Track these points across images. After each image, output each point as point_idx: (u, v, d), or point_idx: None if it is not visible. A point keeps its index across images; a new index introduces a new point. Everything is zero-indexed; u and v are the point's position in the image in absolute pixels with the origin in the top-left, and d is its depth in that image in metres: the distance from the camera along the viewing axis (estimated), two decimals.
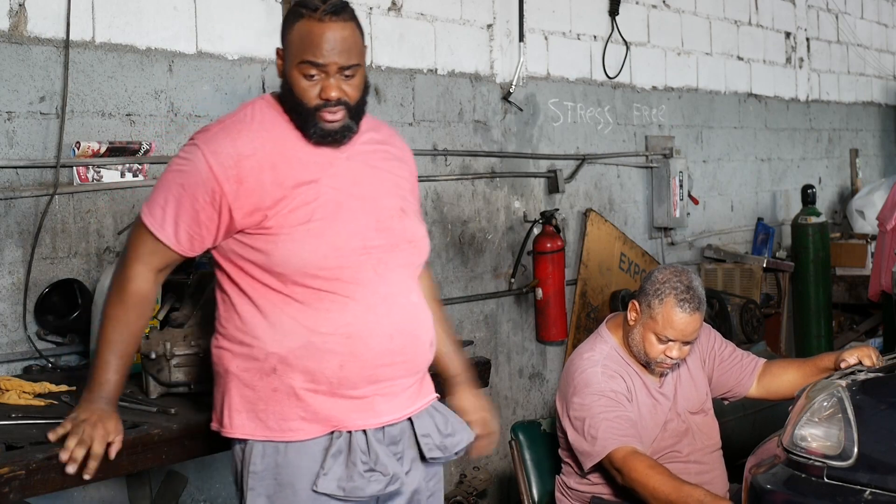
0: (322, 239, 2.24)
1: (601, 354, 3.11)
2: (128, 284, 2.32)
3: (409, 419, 2.38)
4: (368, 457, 2.26)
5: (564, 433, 3.10)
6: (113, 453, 2.25)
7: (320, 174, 2.28)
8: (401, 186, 2.44)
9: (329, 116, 2.26)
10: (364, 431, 2.27)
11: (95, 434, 2.22)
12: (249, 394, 2.28)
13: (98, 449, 2.22)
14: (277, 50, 2.34)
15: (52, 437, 2.25)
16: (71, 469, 2.19)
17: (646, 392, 3.11)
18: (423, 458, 2.39)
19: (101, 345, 2.33)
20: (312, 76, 2.25)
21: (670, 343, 3.03)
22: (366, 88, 2.34)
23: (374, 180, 2.37)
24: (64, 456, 2.19)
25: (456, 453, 2.48)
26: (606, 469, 2.99)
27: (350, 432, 2.26)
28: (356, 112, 2.31)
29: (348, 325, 2.24)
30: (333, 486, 2.23)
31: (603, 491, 3.11)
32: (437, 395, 2.49)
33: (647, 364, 3.10)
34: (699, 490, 2.83)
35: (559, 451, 3.19)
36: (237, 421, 2.29)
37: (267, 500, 2.28)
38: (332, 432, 2.26)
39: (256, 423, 2.27)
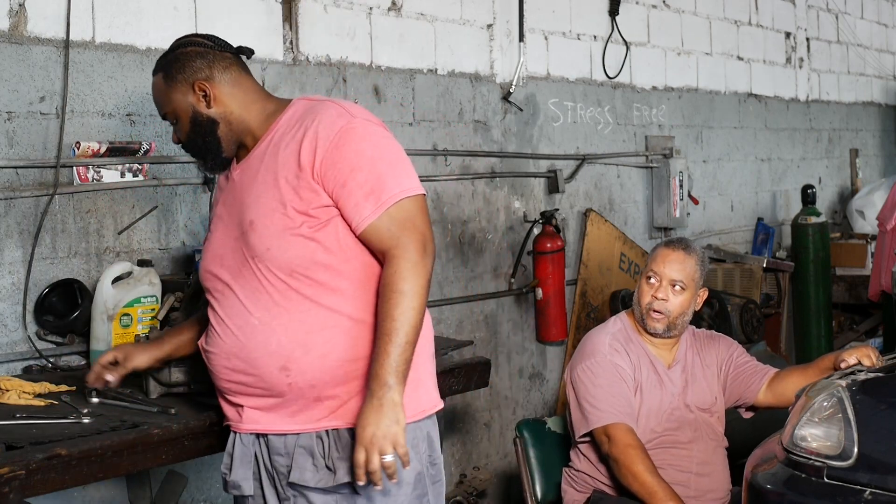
0: (202, 262, 2.47)
1: (612, 329, 3.24)
2: None
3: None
4: (231, 456, 2.42)
5: (568, 405, 3.20)
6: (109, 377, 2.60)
7: (222, 195, 2.48)
8: (269, 190, 2.28)
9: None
10: (236, 434, 2.42)
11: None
12: None
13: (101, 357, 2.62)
14: None
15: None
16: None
17: (652, 368, 3.17)
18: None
19: None
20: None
21: (658, 284, 3.17)
22: (198, 125, 2.41)
23: (243, 193, 2.37)
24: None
25: (350, 484, 2.25)
26: (596, 438, 3.08)
27: (231, 431, 2.44)
28: (192, 150, 2.46)
29: (207, 339, 2.41)
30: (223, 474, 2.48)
31: (606, 482, 3.14)
32: (343, 423, 2.26)
33: (642, 322, 3.19)
34: (671, 492, 2.92)
35: (569, 428, 3.22)
36: None
37: None
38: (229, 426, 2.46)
39: None
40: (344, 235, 2.26)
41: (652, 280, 3.18)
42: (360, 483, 2.17)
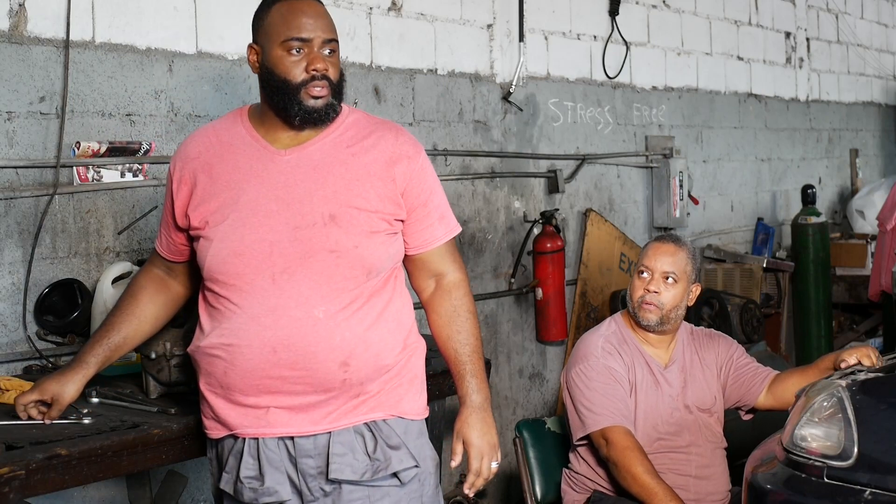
0: (225, 243, 2.29)
1: (605, 332, 3.22)
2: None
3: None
4: (257, 464, 2.32)
5: (565, 408, 3.19)
6: (49, 416, 2.43)
7: (251, 176, 2.32)
8: (352, 190, 2.30)
9: (315, 91, 2.30)
10: (256, 440, 2.33)
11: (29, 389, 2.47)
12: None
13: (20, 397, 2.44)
14: (250, 46, 2.41)
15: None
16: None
17: (647, 369, 3.16)
18: (327, 475, 2.31)
19: None
20: (299, 51, 2.30)
21: (649, 278, 3.16)
22: (342, 74, 2.37)
23: (311, 183, 2.30)
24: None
25: (395, 475, 2.35)
26: (593, 441, 3.08)
27: (245, 438, 2.34)
28: (338, 92, 2.34)
29: (230, 333, 2.29)
30: (230, 486, 2.37)
31: (605, 485, 3.14)
32: (383, 414, 2.35)
33: (635, 316, 3.18)
34: (671, 493, 2.91)
35: (569, 431, 3.22)
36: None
37: (215, 489, 2.47)
38: (233, 435, 2.36)
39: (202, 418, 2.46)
40: (400, 247, 2.41)
41: (644, 275, 3.18)
42: (469, 490, 2.40)
